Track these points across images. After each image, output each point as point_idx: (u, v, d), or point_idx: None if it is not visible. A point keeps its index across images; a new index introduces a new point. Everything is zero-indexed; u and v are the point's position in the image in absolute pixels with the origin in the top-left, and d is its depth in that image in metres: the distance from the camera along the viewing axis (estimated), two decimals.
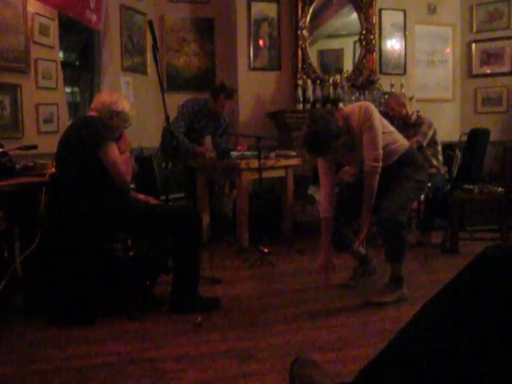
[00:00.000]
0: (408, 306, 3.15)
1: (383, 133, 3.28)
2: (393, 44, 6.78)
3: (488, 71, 7.06)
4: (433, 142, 4.89)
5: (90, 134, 3.01)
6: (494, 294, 1.17)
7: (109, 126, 3.11)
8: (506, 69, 6.95)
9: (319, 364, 1.73)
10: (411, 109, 4.98)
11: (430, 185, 4.22)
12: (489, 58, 7.04)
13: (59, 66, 4.71)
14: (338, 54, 6.97)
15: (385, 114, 4.07)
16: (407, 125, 4.94)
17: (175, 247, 3.14)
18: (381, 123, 3.28)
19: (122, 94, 3.65)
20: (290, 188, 5.10)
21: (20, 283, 3.22)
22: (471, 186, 4.57)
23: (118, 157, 3.06)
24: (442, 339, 1.24)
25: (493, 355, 1.16)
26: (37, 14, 4.35)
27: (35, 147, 3.35)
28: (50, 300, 3.10)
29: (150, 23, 3.56)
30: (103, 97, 3.26)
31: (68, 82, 5.28)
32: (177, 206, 3.42)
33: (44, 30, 4.45)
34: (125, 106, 3.23)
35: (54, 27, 4.59)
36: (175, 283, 3.14)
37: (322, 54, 6.73)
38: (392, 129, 3.43)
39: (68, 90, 5.41)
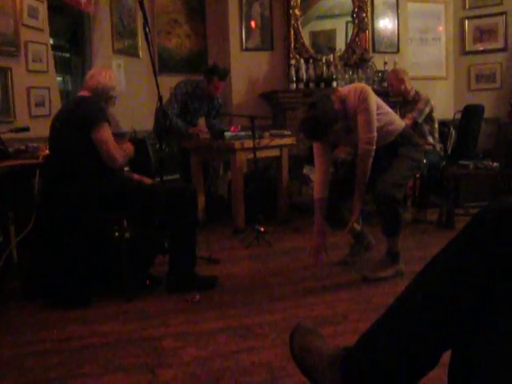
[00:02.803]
0: (405, 280, 3.09)
1: (380, 114, 3.27)
2: (385, 22, 6.74)
3: (481, 48, 7.03)
4: (429, 119, 4.88)
5: (85, 114, 3.00)
6: (492, 250, 1.17)
7: (102, 106, 3.11)
8: (499, 45, 6.92)
9: (319, 331, 1.73)
10: (410, 85, 4.97)
11: (425, 161, 4.22)
12: (482, 34, 7.01)
13: (49, 49, 4.65)
14: (331, 34, 6.93)
15: (378, 92, 4.05)
16: (406, 101, 4.94)
17: (171, 225, 3.12)
18: (377, 104, 3.27)
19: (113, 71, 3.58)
20: (285, 167, 5.08)
21: (16, 267, 3.20)
22: (466, 162, 4.57)
23: (110, 137, 3.05)
24: (441, 301, 1.24)
25: (490, 317, 1.16)
26: None
27: (27, 129, 3.33)
28: (46, 283, 3.09)
29: (141, 2, 3.51)
30: (100, 77, 3.20)
31: (59, 70, 5.21)
32: (172, 185, 3.40)
33: (33, 13, 4.39)
34: (119, 89, 3.22)
35: (42, 9, 4.52)
36: (172, 262, 3.14)
37: (314, 35, 6.69)
38: (388, 109, 3.42)
39: (59, 78, 5.34)
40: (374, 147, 3.21)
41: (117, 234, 3.17)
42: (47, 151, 3.25)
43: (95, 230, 3.20)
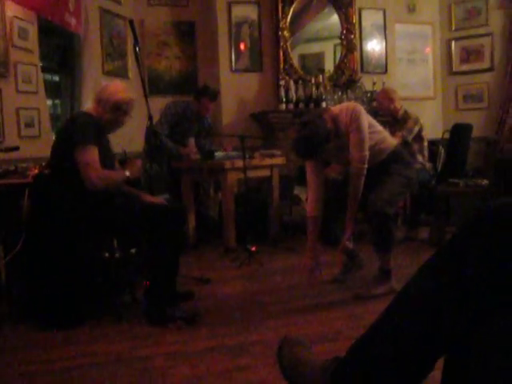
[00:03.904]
0: None
1: (372, 132, 3.29)
2: (373, 44, 6.81)
3: (468, 68, 7.11)
4: (419, 138, 4.91)
5: (73, 132, 2.92)
6: (489, 249, 1.16)
7: (92, 126, 2.97)
8: (485, 65, 7.00)
9: (306, 342, 1.70)
10: (399, 104, 5.01)
11: None
12: (468, 55, 7.10)
13: (39, 70, 4.65)
14: (319, 57, 6.98)
15: (368, 112, 4.08)
16: (395, 120, 4.97)
17: (155, 246, 2.93)
18: (369, 123, 3.29)
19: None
20: (276, 187, 5.08)
21: (4, 288, 3.15)
22: (456, 180, 4.58)
23: (92, 160, 2.88)
24: (433, 305, 1.23)
25: (485, 320, 1.14)
26: (15, 17, 4.29)
27: (17, 148, 3.31)
28: (35, 303, 3.04)
29: (131, 23, 3.53)
30: (98, 91, 3.13)
31: (49, 94, 5.17)
32: (160, 205, 3.25)
33: (23, 34, 4.40)
34: (121, 97, 3.08)
35: (33, 31, 4.54)
36: (150, 292, 2.94)
37: (303, 58, 6.73)
38: (380, 128, 3.44)
39: (49, 102, 5.30)
40: (366, 166, 3.21)
41: (107, 254, 3.13)
42: (36, 171, 3.22)
43: (85, 250, 3.16)
